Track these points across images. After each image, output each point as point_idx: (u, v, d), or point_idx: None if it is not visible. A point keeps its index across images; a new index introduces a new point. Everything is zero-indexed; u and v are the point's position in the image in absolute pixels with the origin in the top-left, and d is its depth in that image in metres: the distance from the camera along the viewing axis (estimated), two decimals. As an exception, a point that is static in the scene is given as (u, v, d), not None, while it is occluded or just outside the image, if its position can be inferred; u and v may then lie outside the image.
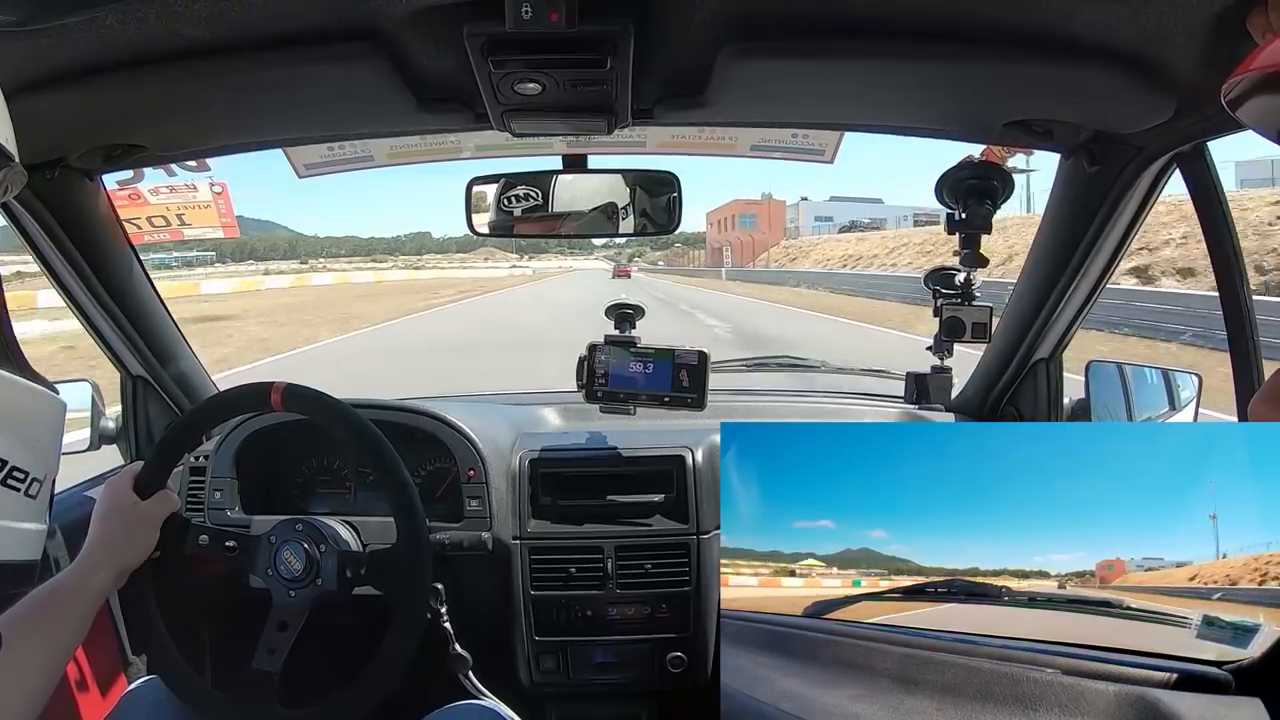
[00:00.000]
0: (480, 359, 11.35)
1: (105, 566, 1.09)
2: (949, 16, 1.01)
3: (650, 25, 1.04)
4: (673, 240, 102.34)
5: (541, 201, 1.59)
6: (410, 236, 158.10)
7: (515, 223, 1.60)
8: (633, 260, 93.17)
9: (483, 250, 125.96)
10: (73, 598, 1.05)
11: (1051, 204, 1.56)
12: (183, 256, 52.45)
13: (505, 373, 9.03)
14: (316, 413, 1.15)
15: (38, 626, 1.01)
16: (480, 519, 1.64)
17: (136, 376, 1.81)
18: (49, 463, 0.90)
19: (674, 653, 1.67)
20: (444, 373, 9.75)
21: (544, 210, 1.60)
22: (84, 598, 1.06)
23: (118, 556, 1.11)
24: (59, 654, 1.03)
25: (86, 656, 1.55)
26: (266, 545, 1.23)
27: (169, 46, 1.03)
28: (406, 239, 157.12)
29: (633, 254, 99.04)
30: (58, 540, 1.55)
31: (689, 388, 1.67)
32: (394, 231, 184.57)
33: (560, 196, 1.60)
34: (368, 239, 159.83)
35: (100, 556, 1.10)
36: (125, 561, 1.12)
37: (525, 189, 1.59)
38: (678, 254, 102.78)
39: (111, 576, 1.10)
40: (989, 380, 1.87)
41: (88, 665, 1.56)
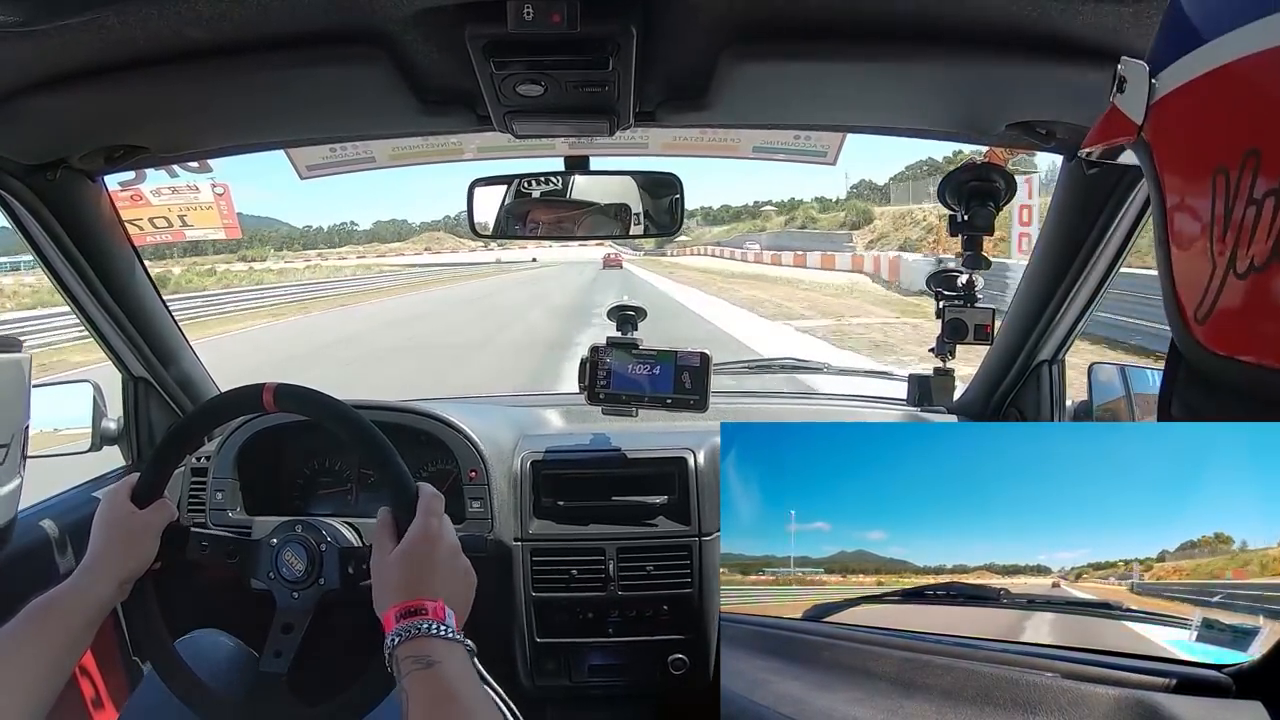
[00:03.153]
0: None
1: (105, 577, 1.08)
2: (951, 18, 1.01)
3: (652, 26, 1.05)
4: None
5: (558, 200, 1.60)
6: (335, 228, 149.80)
7: (526, 223, 1.60)
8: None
9: (424, 238, 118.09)
10: (72, 609, 1.04)
11: (1054, 205, 1.55)
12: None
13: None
14: (312, 411, 1.14)
15: (36, 638, 1.00)
16: (482, 520, 1.64)
17: (138, 378, 1.81)
18: (16, 420, 0.89)
19: (676, 655, 1.67)
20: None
21: (558, 209, 1.60)
22: (84, 609, 1.05)
23: (118, 567, 1.10)
24: (59, 665, 1.02)
25: (93, 667, 1.56)
26: (267, 548, 1.22)
27: (171, 48, 1.04)
28: (332, 231, 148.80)
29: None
30: (62, 540, 1.55)
31: (691, 389, 1.67)
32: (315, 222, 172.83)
33: (576, 196, 1.60)
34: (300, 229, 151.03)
35: (100, 567, 1.09)
36: (125, 572, 1.11)
37: (541, 189, 1.60)
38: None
39: (112, 587, 1.08)
40: (992, 382, 1.87)
41: (95, 676, 1.56)
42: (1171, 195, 0.54)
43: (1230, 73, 0.48)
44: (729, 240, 75.61)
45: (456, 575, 1.04)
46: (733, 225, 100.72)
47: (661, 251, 79.24)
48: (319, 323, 21.48)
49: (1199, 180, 0.50)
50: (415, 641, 0.93)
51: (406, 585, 0.98)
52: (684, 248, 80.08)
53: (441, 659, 0.91)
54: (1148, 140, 0.57)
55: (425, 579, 0.99)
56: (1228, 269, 0.47)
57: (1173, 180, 0.55)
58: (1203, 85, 0.50)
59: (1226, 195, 0.47)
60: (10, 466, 0.89)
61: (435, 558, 1.02)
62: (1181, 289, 0.53)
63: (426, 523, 1.04)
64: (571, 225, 1.62)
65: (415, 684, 0.90)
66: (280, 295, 30.41)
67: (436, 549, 1.03)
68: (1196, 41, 0.51)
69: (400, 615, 0.95)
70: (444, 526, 1.05)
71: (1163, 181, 0.55)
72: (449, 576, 1.02)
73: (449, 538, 1.05)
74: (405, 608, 0.95)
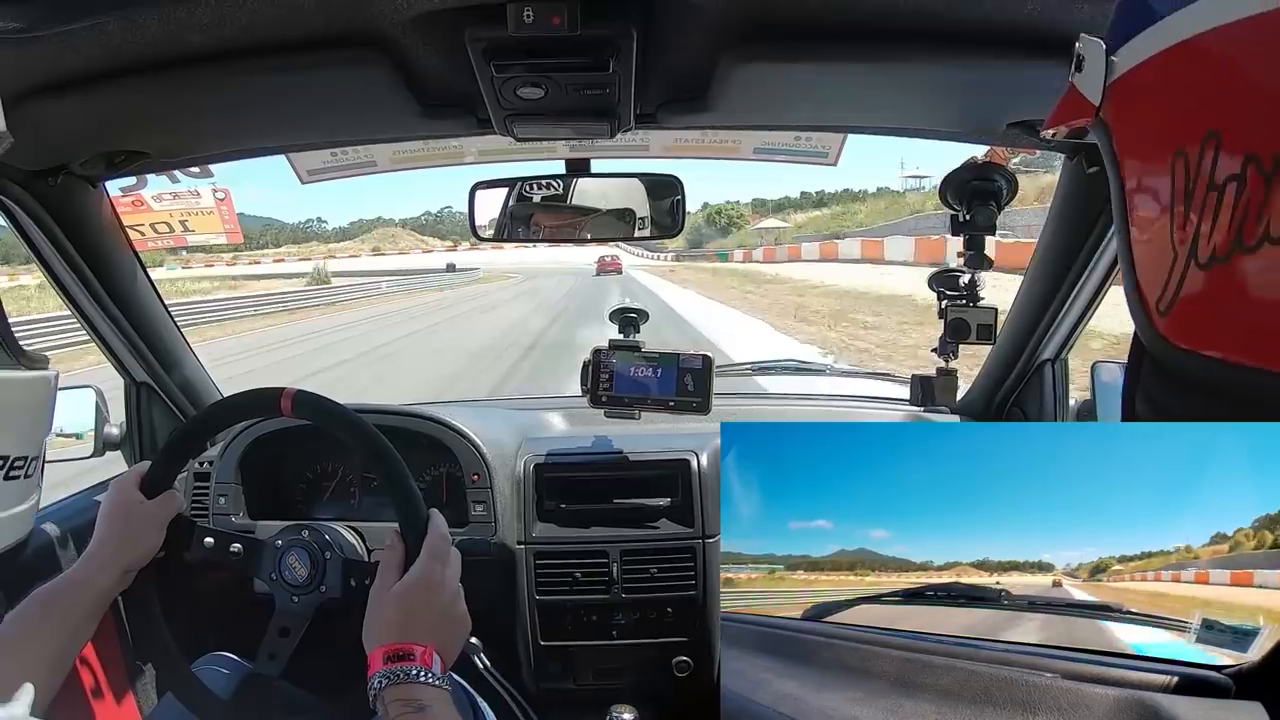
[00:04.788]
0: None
1: (110, 564, 1.09)
2: (952, 18, 1.01)
3: (653, 28, 1.04)
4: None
5: (560, 202, 1.60)
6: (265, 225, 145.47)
7: (530, 226, 1.60)
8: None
9: (377, 235, 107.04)
10: (78, 594, 1.05)
11: (1056, 205, 1.55)
12: None
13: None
14: (327, 421, 1.14)
15: (42, 623, 1.01)
16: (485, 523, 1.64)
17: (141, 383, 1.82)
18: (40, 436, 0.91)
19: (680, 657, 1.67)
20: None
21: (560, 212, 1.60)
22: (89, 594, 1.06)
23: (123, 554, 1.11)
24: (64, 649, 1.03)
25: (93, 658, 1.56)
26: (272, 550, 1.23)
27: (172, 53, 1.04)
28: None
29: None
30: (67, 546, 1.56)
31: (694, 392, 1.67)
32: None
33: (578, 199, 1.60)
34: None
35: (105, 553, 1.10)
36: (130, 559, 1.11)
37: (543, 192, 1.60)
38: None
39: (117, 574, 1.09)
40: (994, 382, 1.87)
41: (95, 667, 1.56)
42: (1130, 179, 0.53)
43: (1189, 49, 0.46)
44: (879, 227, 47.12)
45: (453, 622, 1.04)
46: (844, 208, 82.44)
47: (698, 248, 62.62)
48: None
49: (1157, 163, 0.48)
50: (404, 686, 0.94)
51: (399, 626, 0.99)
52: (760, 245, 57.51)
53: (431, 704, 0.92)
54: (1106, 121, 0.55)
55: (418, 623, 1.00)
56: (1189, 258, 0.46)
57: (1131, 164, 0.53)
58: (1160, 62, 0.48)
59: (1186, 179, 0.46)
60: (34, 479, 0.90)
61: (433, 604, 1.02)
62: (1143, 280, 0.51)
63: (429, 567, 1.04)
64: (573, 228, 1.62)
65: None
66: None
67: (436, 596, 1.03)
68: (1153, 16, 0.49)
69: (388, 657, 0.95)
70: (447, 571, 1.06)
71: (1121, 165, 0.53)
72: (442, 624, 1.02)
73: (450, 584, 1.05)
74: (394, 650, 0.96)
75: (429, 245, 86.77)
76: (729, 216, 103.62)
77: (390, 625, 0.99)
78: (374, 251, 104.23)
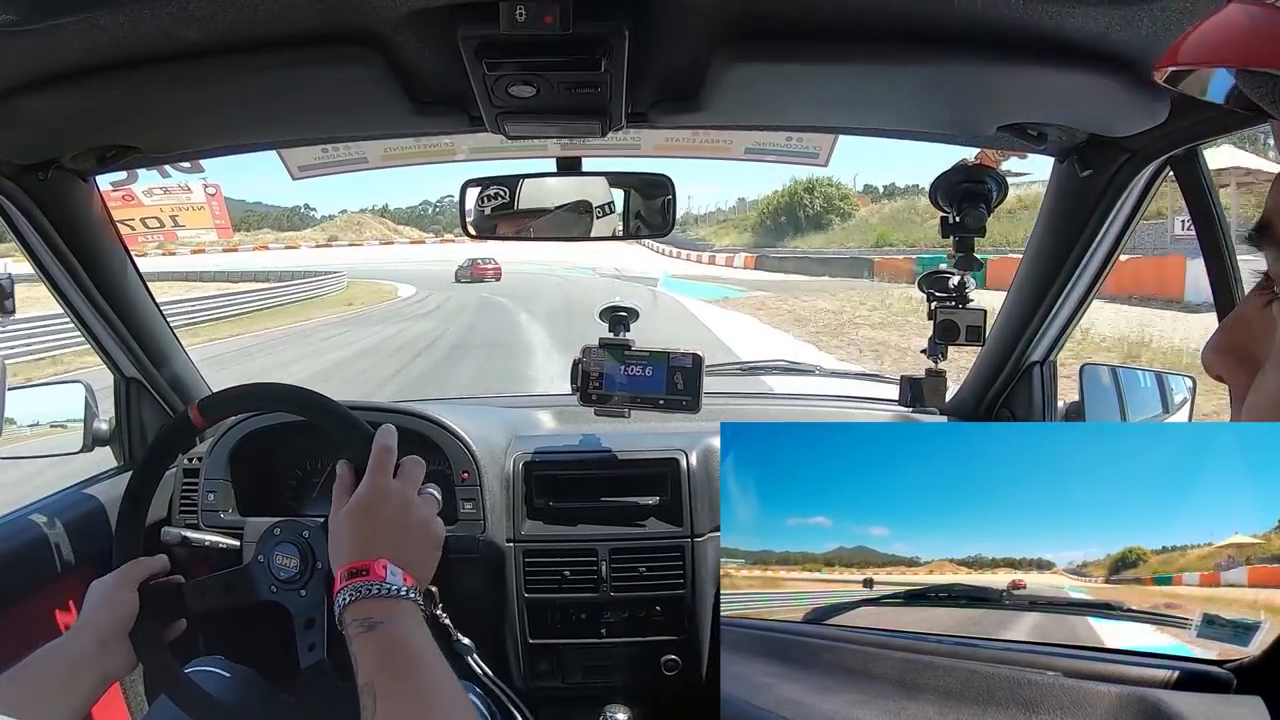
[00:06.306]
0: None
1: (83, 628, 1.08)
2: (943, 19, 1.01)
3: (644, 28, 1.04)
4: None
5: (508, 201, 1.60)
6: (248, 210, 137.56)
7: (517, 224, 1.60)
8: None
9: (341, 221, 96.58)
10: (52, 661, 1.03)
11: (1045, 207, 1.56)
12: None
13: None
14: (242, 405, 1.14)
15: (23, 690, 0.99)
16: (474, 521, 1.64)
17: (130, 378, 1.80)
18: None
19: (669, 655, 1.67)
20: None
21: (550, 211, 1.60)
22: (63, 660, 1.04)
23: (96, 626, 1.08)
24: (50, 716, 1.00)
25: None
26: (258, 566, 1.20)
27: (163, 48, 1.03)
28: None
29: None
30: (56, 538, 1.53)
31: (683, 390, 1.67)
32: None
33: (527, 196, 1.61)
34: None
35: (80, 627, 1.08)
36: (103, 620, 1.09)
37: (496, 189, 1.60)
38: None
39: (92, 638, 1.07)
40: (983, 384, 1.88)
41: None
42: None
43: None
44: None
45: (408, 531, 1.03)
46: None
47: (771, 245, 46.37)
48: None
49: None
50: (360, 604, 0.93)
51: (353, 545, 0.99)
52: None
53: (385, 619, 0.92)
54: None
55: (371, 538, 1.00)
56: None
57: None
58: None
59: None
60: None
61: (383, 514, 1.02)
62: None
63: (373, 480, 1.04)
64: (563, 227, 1.62)
65: (360, 647, 0.91)
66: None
67: (385, 505, 1.03)
68: None
69: (345, 576, 0.95)
70: (393, 482, 1.05)
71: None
72: (397, 534, 1.02)
73: (399, 491, 1.05)
74: (350, 568, 0.96)
75: (393, 236, 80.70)
76: (827, 199, 67.90)
77: (343, 546, 1.00)
78: (330, 241, 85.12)
